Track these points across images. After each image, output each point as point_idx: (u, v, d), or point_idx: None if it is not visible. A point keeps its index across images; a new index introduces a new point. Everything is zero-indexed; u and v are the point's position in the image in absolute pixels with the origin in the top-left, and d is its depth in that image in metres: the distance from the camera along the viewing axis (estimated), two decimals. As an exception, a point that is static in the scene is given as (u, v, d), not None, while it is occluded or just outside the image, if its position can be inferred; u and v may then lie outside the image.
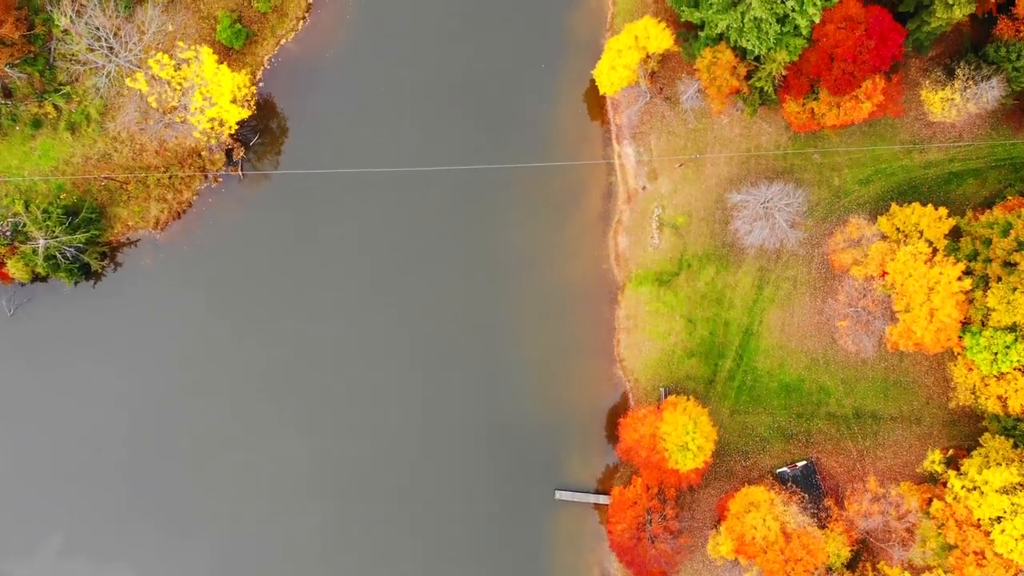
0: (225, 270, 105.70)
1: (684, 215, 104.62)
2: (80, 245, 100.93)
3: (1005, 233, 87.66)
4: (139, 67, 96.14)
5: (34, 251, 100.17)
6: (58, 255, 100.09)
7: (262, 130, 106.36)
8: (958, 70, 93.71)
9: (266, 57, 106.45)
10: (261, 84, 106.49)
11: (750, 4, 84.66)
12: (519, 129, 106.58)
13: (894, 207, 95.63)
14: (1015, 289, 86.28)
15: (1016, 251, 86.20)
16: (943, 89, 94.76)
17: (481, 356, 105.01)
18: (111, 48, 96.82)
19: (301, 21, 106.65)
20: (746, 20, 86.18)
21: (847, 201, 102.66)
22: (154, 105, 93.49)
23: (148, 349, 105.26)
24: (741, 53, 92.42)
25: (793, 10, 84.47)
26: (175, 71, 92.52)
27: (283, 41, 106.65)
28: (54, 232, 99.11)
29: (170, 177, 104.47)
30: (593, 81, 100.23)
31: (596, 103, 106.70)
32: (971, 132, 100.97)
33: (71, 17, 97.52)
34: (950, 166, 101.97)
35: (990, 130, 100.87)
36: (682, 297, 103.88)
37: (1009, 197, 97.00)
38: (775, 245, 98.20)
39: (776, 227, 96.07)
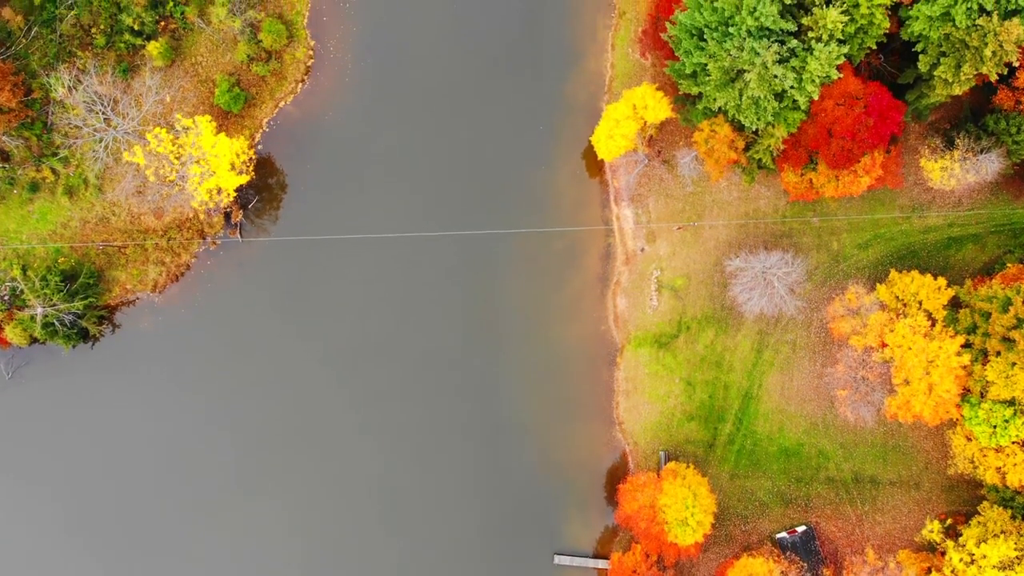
0: (223, 333, 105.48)
1: (683, 277, 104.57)
2: (78, 311, 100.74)
3: (1004, 309, 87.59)
4: (138, 138, 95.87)
5: (32, 318, 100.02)
6: (56, 322, 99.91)
7: (260, 192, 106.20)
8: (958, 140, 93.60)
9: (265, 120, 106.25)
10: (259, 147, 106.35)
11: (748, 82, 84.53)
12: (518, 191, 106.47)
13: (893, 274, 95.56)
14: (1014, 364, 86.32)
15: (1015, 328, 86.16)
16: (942, 158, 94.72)
17: (480, 418, 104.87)
18: (108, 120, 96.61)
19: (300, 84, 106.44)
20: (744, 98, 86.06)
21: (846, 265, 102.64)
22: (152, 179, 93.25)
23: (146, 411, 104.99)
24: (739, 126, 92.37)
25: (792, 87, 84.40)
26: (172, 145, 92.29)
27: (282, 104, 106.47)
28: (52, 300, 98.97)
29: (168, 241, 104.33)
30: (591, 142, 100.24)
31: (594, 165, 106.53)
32: (970, 198, 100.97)
33: (68, 86, 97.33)
34: (949, 231, 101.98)
35: (989, 196, 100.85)
36: (681, 360, 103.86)
37: (1009, 264, 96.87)
38: (774, 312, 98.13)
39: (775, 295, 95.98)
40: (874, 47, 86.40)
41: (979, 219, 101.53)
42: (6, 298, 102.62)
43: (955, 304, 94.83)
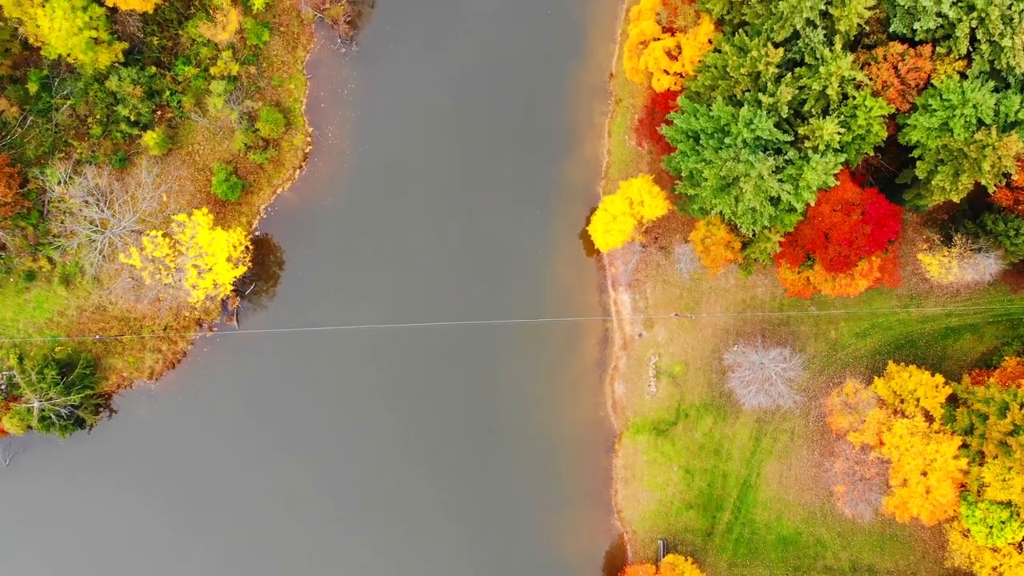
0: (220, 420, 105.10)
1: (681, 364, 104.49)
2: (75, 403, 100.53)
3: (1002, 414, 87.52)
4: (134, 237, 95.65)
5: (28, 410, 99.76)
6: (52, 415, 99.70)
7: (258, 278, 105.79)
8: (956, 237, 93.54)
9: (262, 207, 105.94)
10: (257, 232, 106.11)
11: (743, 191, 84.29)
12: (515, 276, 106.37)
13: (891, 367, 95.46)
14: (1010, 468, 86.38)
15: (1011, 434, 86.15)
16: (940, 253, 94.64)
17: (478, 505, 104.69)
18: (104, 222, 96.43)
19: (298, 171, 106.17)
20: (740, 205, 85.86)
21: (844, 354, 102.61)
22: (148, 281, 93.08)
23: (143, 498, 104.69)
24: (735, 226, 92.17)
25: (788, 193, 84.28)
26: (168, 248, 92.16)
27: (280, 190, 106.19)
28: (48, 394, 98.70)
29: (165, 329, 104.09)
30: (589, 232, 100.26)
31: (591, 249, 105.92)
32: (968, 288, 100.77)
33: (63, 181, 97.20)
34: (947, 321, 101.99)
35: (987, 287, 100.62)
36: (680, 447, 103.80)
37: (1007, 358, 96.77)
38: (772, 406, 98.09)
39: (772, 389, 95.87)
40: (871, 153, 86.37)
41: (977, 309, 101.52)
42: (3, 387, 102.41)
43: (953, 399, 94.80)
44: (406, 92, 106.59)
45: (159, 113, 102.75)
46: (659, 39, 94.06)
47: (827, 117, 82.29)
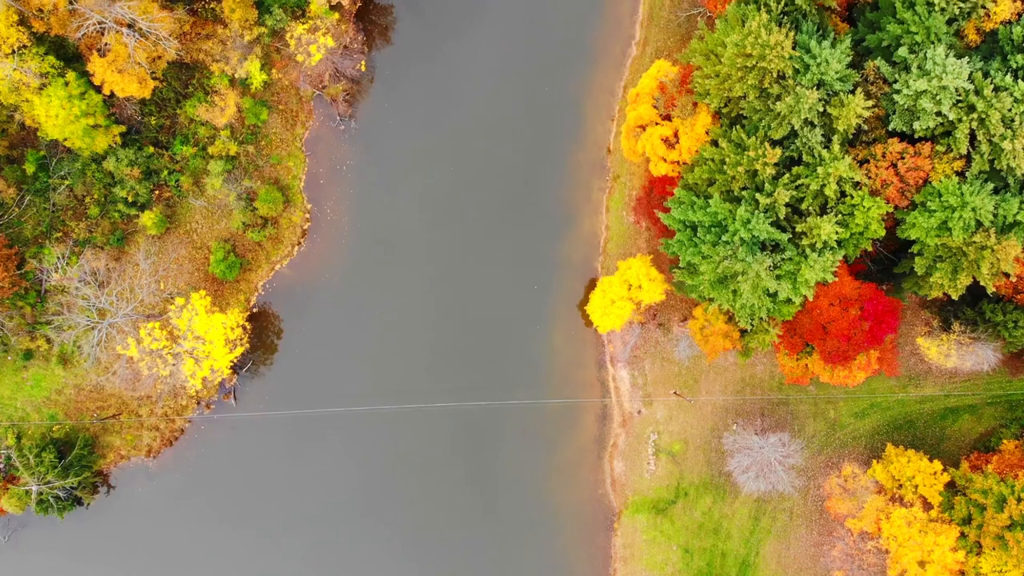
0: (217, 498, 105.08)
1: (680, 442, 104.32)
2: (72, 486, 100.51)
3: (999, 507, 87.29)
4: (131, 325, 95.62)
5: (27, 492, 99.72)
6: (50, 498, 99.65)
7: (255, 354, 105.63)
8: (955, 323, 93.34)
9: (260, 283, 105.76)
10: (254, 309, 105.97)
11: (741, 288, 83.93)
12: (514, 351, 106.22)
13: (889, 450, 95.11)
14: (1006, 562, 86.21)
15: (1008, 528, 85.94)
16: (939, 338, 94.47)
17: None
18: (101, 311, 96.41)
19: (296, 247, 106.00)
20: (737, 301, 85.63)
21: (842, 434, 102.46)
22: (145, 372, 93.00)
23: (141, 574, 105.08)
24: (734, 316, 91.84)
25: (786, 290, 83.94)
26: (166, 340, 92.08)
27: (278, 267, 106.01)
28: (46, 478, 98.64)
29: (162, 407, 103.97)
30: (587, 310, 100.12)
31: (590, 324, 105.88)
32: (967, 370, 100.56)
33: (59, 266, 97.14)
34: (946, 401, 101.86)
35: (986, 369, 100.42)
36: (679, 526, 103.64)
37: (1005, 440, 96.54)
38: (771, 490, 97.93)
39: (771, 475, 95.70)
40: (870, 248, 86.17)
41: (975, 390, 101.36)
42: (2, 467, 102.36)
43: (953, 484, 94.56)
44: (405, 169, 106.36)
45: (157, 193, 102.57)
46: (657, 124, 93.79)
47: (825, 216, 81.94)
